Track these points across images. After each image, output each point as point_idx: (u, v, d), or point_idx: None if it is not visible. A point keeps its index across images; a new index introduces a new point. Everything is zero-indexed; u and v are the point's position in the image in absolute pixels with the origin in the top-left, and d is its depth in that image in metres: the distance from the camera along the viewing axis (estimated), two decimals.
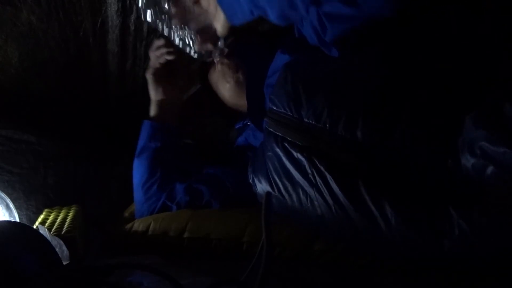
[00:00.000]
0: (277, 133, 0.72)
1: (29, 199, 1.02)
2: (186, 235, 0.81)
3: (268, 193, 0.55)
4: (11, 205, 0.94)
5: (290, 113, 0.70)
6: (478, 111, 0.57)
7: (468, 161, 0.56)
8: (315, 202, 0.67)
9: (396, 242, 0.61)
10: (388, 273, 0.64)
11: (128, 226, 0.87)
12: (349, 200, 0.63)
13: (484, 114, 0.56)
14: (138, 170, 0.95)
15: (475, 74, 0.62)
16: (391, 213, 0.60)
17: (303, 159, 0.68)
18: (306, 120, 0.68)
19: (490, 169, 0.54)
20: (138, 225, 0.86)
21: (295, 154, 0.69)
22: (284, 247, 0.74)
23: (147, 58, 0.99)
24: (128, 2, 0.83)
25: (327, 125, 0.66)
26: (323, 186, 0.65)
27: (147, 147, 0.95)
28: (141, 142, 0.96)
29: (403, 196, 0.60)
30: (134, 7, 0.84)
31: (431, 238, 0.58)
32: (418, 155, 0.59)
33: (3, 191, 0.95)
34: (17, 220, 0.95)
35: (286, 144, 0.70)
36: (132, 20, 0.88)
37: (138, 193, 0.93)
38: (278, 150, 0.72)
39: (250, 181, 0.81)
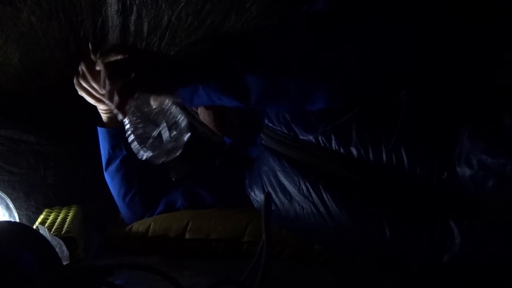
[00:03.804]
0: (273, 148, 0.72)
1: (29, 199, 1.02)
2: (186, 236, 0.81)
3: (267, 194, 0.55)
4: (11, 205, 0.94)
5: (286, 131, 0.70)
6: (474, 122, 0.56)
7: (465, 173, 0.55)
8: (312, 217, 0.67)
9: (394, 252, 0.62)
10: (388, 273, 0.64)
11: (128, 227, 0.87)
12: (346, 216, 0.63)
13: (481, 126, 0.55)
14: (112, 184, 0.90)
15: (470, 86, 0.61)
16: (389, 228, 0.60)
17: (299, 174, 0.67)
18: (302, 137, 0.68)
19: (490, 182, 0.53)
20: (137, 226, 0.86)
21: (290, 169, 0.69)
22: (284, 246, 0.74)
23: None
24: (128, 2, 0.83)
25: (321, 141, 0.65)
26: (319, 202, 0.65)
27: (113, 158, 0.89)
28: (104, 153, 0.90)
29: (400, 210, 0.60)
30: (135, 8, 0.84)
31: (430, 252, 0.58)
32: (413, 168, 0.58)
33: (3, 191, 0.95)
34: (17, 220, 0.95)
35: (282, 159, 0.70)
36: (132, 21, 0.87)
37: (122, 208, 0.91)
38: (274, 165, 0.71)
39: (247, 193, 0.81)
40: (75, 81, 0.76)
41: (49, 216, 0.94)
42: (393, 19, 0.62)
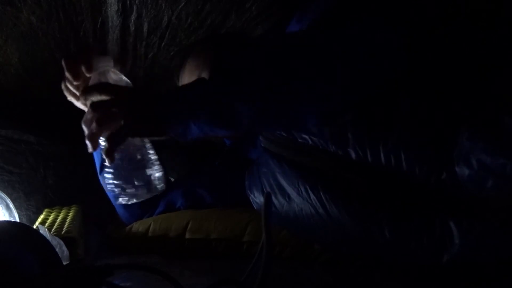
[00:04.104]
0: (272, 150, 0.72)
1: (29, 199, 1.02)
2: (186, 236, 0.81)
3: (268, 194, 0.55)
4: (11, 205, 0.94)
5: (284, 134, 0.70)
6: (474, 122, 0.56)
7: (464, 173, 0.55)
8: (311, 218, 0.67)
9: (393, 252, 0.62)
10: (388, 273, 0.64)
11: (128, 227, 0.87)
12: (345, 217, 0.63)
13: (480, 126, 0.55)
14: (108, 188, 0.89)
15: (470, 86, 0.61)
16: (388, 229, 0.60)
17: (298, 176, 0.68)
18: (300, 139, 0.68)
19: (490, 182, 0.53)
20: (137, 226, 0.86)
21: (290, 171, 0.69)
22: (284, 246, 0.74)
23: (147, 58, 0.99)
24: (128, 2, 0.83)
25: (319, 143, 0.66)
26: (318, 203, 0.65)
27: None
28: (97, 156, 0.87)
29: (399, 210, 0.60)
30: (135, 8, 0.84)
31: (430, 252, 0.58)
32: (412, 168, 0.58)
33: (3, 191, 0.95)
34: (17, 220, 0.95)
35: (281, 162, 0.70)
36: (132, 21, 0.87)
37: (119, 210, 0.91)
38: (273, 167, 0.71)
39: (247, 194, 0.81)
40: (62, 86, 0.75)
41: (49, 216, 0.94)
42: (389, 22, 0.62)
